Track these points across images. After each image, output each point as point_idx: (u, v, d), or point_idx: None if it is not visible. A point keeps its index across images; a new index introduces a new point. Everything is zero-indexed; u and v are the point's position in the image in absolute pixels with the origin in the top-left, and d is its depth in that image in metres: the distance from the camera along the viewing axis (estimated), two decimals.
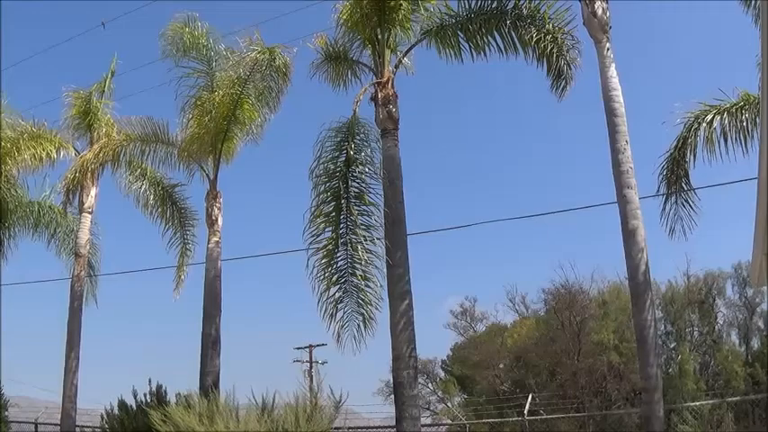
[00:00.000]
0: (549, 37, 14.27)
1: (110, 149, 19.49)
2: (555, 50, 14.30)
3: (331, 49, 16.08)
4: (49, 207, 23.64)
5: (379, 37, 14.97)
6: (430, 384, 44.58)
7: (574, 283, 37.01)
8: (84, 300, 20.80)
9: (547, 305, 38.94)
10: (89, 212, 21.05)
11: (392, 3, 14.76)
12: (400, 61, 15.22)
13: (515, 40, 14.69)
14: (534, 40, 14.30)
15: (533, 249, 55.04)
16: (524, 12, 14.56)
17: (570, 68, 14.46)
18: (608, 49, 13.32)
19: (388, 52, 14.92)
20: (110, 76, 22.05)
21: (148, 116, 19.41)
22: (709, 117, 14.02)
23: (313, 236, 12.47)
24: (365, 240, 12.33)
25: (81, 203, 20.95)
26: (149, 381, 15.64)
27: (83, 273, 20.69)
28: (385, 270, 12.57)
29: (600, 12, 13.51)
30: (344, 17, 15.34)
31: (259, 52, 17.53)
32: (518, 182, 67.90)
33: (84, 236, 20.94)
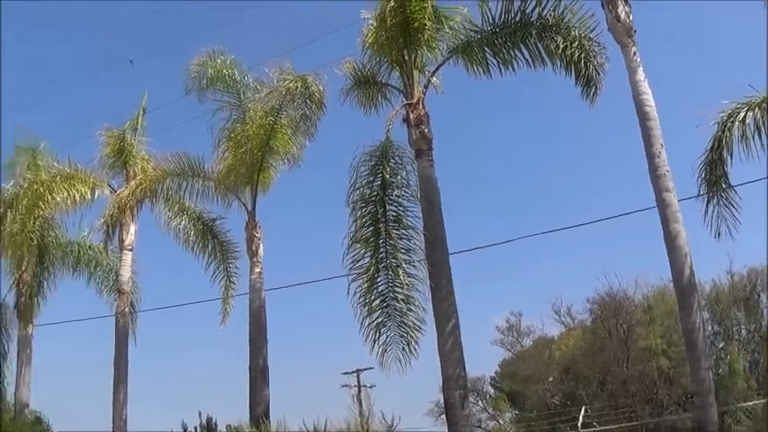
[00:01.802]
0: (575, 45, 14.33)
1: (146, 186, 19.93)
2: (582, 57, 14.36)
3: (359, 73, 16.28)
4: (89, 246, 24.22)
5: (407, 58, 15.16)
6: (480, 402, 44.51)
7: (618, 290, 36.97)
8: (129, 335, 21.21)
9: (592, 314, 38.86)
10: (129, 250, 21.44)
11: (416, 24, 14.95)
12: (429, 81, 15.34)
13: (542, 50, 14.81)
14: (561, 48, 14.37)
15: (575, 258, 54.56)
16: (549, 21, 14.64)
17: (599, 74, 14.53)
18: (635, 53, 13.48)
19: (416, 73, 15.11)
20: (142, 112, 22.61)
21: (183, 151, 19.90)
22: (742, 114, 13.92)
23: (353, 261, 12.67)
24: (406, 264, 12.45)
25: (121, 241, 21.34)
26: (199, 414, 15.89)
27: (126, 309, 21.10)
28: (428, 292, 12.64)
29: (623, 16, 13.65)
30: (370, 41, 15.62)
31: (291, 81, 17.78)
32: (551, 191, 67.36)
33: (125, 273, 21.35)
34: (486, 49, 15.24)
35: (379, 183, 13.31)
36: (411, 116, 14.52)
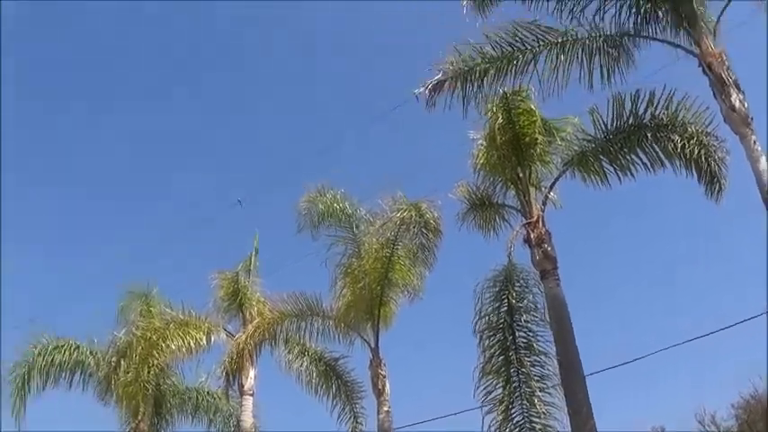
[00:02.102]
0: (693, 141, 15.21)
1: (264, 329, 21.62)
2: (703, 154, 15.24)
3: (474, 196, 17.71)
4: (207, 392, 25.88)
5: (521, 176, 16.59)
6: None
7: (763, 392, 36.66)
8: None
9: (738, 420, 38.50)
10: (250, 394, 22.92)
11: (527, 139, 16.47)
12: (547, 197, 16.55)
13: (659, 152, 15.80)
14: (679, 147, 15.29)
15: (713, 364, 53.24)
16: (664, 120, 15.59)
17: (721, 169, 15.36)
18: (754, 142, 13.69)
19: (532, 190, 16.47)
20: (254, 253, 24.80)
21: (299, 290, 21.57)
22: None
23: (485, 393, 13.42)
24: (540, 392, 13.15)
25: (240, 386, 22.89)
26: None
27: None
28: (566, 419, 13.30)
29: (738, 104, 13.86)
30: (482, 161, 17.18)
31: (405, 210, 19.38)
32: (681, 295, 65.78)
33: (247, 419, 22.76)
34: (601, 157, 16.36)
35: (505, 309, 14.14)
36: (532, 236, 15.73)
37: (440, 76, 15.38)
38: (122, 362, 22.05)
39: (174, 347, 21.89)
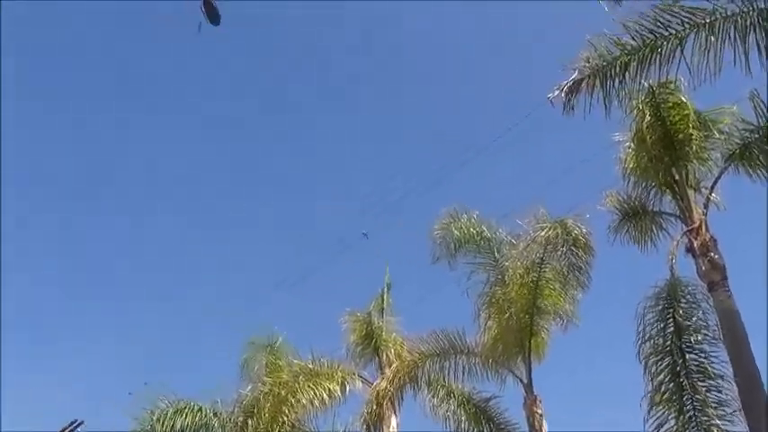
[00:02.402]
0: None
1: (404, 373, 21.85)
2: None
3: (625, 205, 17.83)
4: None
5: (677, 177, 16.60)
6: None
7: None
8: None
9: None
10: None
11: (680, 136, 16.48)
12: (708, 199, 16.53)
13: None
14: None
15: None
16: None
17: None
18: None
19: (691, 192, 16.45)
20: (386, 290, 25.34)
21: (438, 326, 21.83)
22: None
23: (656, 426, 13.50)
24: (719, 419, 13.15)
25: None
26: None
27: None
28: None
29: None
30: (631, 165, 17.25)
31: (550, 229, 19.42)
32: None
33: None
34: None
35: (671, 329, 14.16)
36: (695, 244, 15.67)
37: (576, 75, 15.22)
38: (249, 422, 22.32)
39: (305, 401, 22.09)
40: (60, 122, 53.77)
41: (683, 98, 16.71)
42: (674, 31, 15.17)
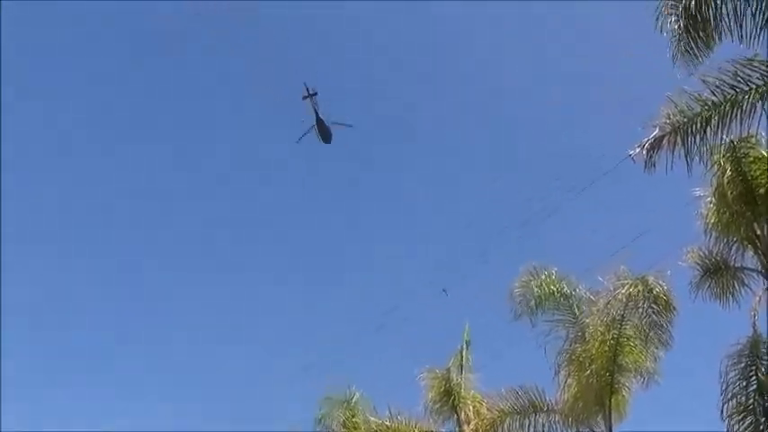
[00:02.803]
0: None
1: (483, 430, 22.01)
2: None
3: (707, 261, 17.73)
4: None
5: (758, 233, 16.43)
6: None
7: None
8: None
9: None
10: None
11: (761, 190, 16.32)
12: None
13: None
14: None
15: None
16: None
17: None
18: None
19: None
20: (465, 346, 25.28)
21: (520, 384, 21.92)
22: None
23: None
24: None
25: None
26: None
27: None
28: None
29: None
30: (712, 221, 17.14)
31: (631, 286, 19.28)
32: None
33: None
34: None
35: (754, 387, 14.12)
36: None
37: (657, 132, 15.32)
38: None
39: None
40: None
41: (764, 152, 16.64)
42: (754, 86, 15.07)
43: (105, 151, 54.95)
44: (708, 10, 14.05)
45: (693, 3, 14.00)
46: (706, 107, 15.27)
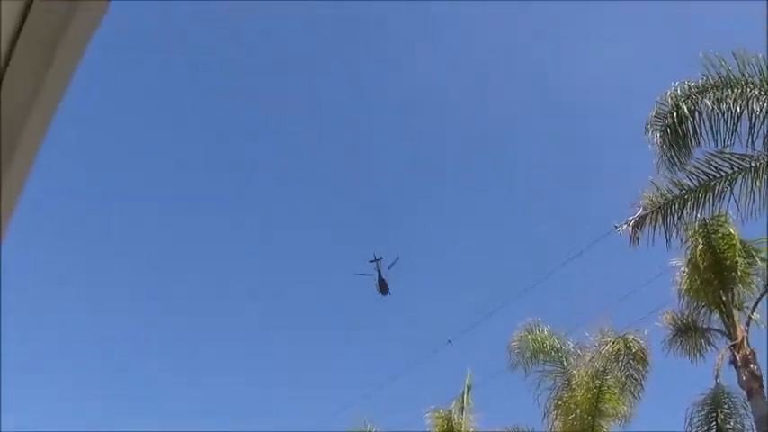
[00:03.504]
0: None
1: None
2: None
3: (679, 322, 19.94)
4: None
5: (724, 298, 18.78)
6: None
7: None
8: None
9: None
10: None
11: (728, 262, 18.79)
12: (750, 318, 18.65)
13: None
14: None
15: None
16: None
17: None
18: None
19: (735, 312, 18.58)
20: (466, 391, 27.59)
21: (513, 425, 24.32)
22: None
23: None
24: None
25: None
26: None
27: None
28: None
29: None
30: (685, 287, 19.47)
31: (613, 343, 21.62)
32: None
33: None
34: None
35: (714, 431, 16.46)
36: (737, 357, 17.72)
37: (640, 212, 17.45)
38: None
39: None
40: None
41: (731, 230, 18.99)
42: (725, 174, 17.22)
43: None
44: (687, 123, 16.12)
45: (674, 120, 16.08)
46: (684, 191, 17.36)
